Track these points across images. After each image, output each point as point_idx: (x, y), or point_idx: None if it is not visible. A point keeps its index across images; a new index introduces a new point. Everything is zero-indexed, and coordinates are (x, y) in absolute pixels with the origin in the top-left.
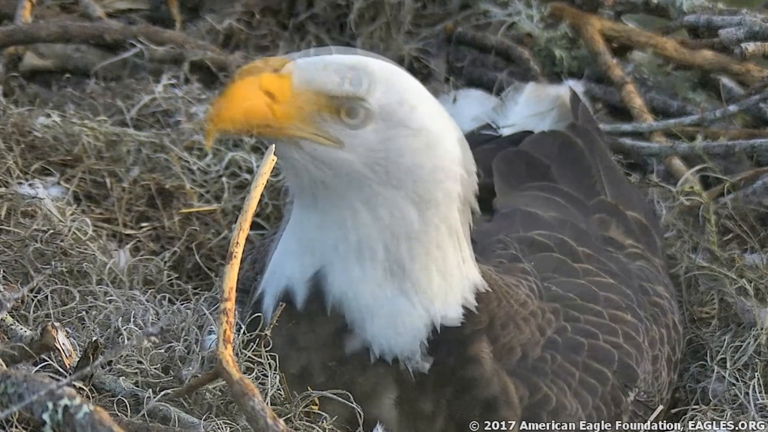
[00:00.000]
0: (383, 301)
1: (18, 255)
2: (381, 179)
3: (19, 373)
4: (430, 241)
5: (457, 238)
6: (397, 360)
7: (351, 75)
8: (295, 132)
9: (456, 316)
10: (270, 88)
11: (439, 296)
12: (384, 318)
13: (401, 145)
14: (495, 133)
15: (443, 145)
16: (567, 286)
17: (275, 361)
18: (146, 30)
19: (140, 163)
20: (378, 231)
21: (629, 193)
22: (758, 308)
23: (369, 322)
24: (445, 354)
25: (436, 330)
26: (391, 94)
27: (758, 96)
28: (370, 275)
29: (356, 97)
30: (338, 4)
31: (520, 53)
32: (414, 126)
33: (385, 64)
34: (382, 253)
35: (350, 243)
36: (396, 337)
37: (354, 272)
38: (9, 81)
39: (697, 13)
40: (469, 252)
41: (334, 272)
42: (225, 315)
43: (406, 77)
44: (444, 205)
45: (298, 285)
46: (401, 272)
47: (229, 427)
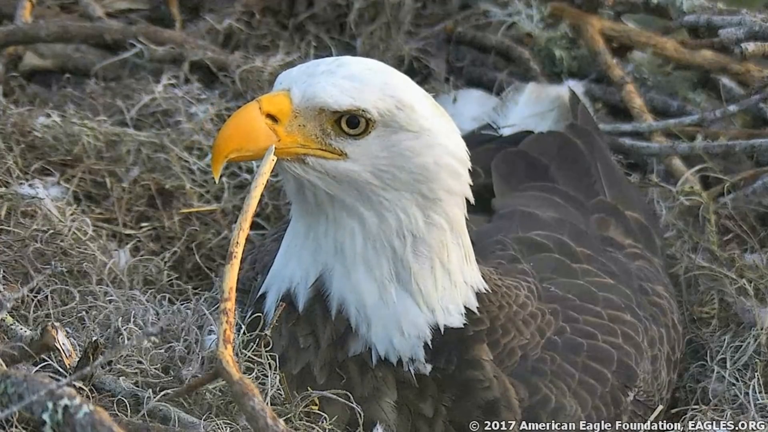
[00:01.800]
0: (389, 304)
1: (18, 255)
2: (386, 185)
3: (19, 373)
4: (435, 241)
5: (460, 236)
6: (400, 362)
7: (349, 87)
8: (299, 150)
9: (458, 317)
10: (270, 110)
11: (443, 296)
12: (389, 320)
13: (404, 149)
14: (495, 133)
15: (443, 144)
16: (566, 286)
17: (275, 361)
18: (146, 30)
19: (140, 163)
20: (385, 235)
21: (629, 193)
22: (758, 308)
23: (374, 324)
24: (447, 356)
25: (439, 331)
26: (389, 99)
27: (758, 96)
28: (377, 278)
29: (357, 108)
30: (338, 4)
31: (520, 53)
32: (414, 128)
33: (378, 67)
34: (389, 256)
35: (357, 249)
36: (400, 339)
37: (359, 276)
38: (9, 81)
39: (697, 13)
40: (470, 250)
41: (339, 276)
42: (225, 315)
43: (400, 79)
44: (446, 203)
45: (301, 288)
46: (407, 274)
47: (229, 427)
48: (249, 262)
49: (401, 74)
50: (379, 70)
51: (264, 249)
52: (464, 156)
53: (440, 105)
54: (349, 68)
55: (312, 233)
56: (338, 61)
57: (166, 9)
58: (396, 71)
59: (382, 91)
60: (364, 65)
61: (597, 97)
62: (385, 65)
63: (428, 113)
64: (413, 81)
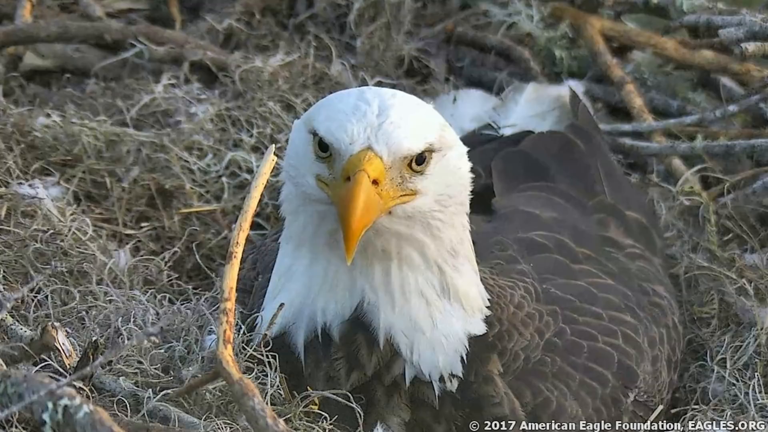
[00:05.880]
0: (437, 323)
1: (18, 255)
2: (443, 206)
3: (19, 373)
4: (466, 248)
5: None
6: (442, 378)
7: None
8: (392, 203)
9: (482, 323)
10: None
11: (477, 302)
12: (436, 340)
13: (452, 166)
14: (495, 133)
15: (464, 150)
16: (566, 288)
17: (275, 360)
18: (146, 30)
19: (140, 163)
20: (438, 255)
21: (629, 193)
22: (758, 308)
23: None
24: (476, 369)
25: (472, 340)
26: (437, 125)
27: (758, 96)
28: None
29: (430, 145)
30: (338, 4)
31: (520, 53)
32: (452, 143)
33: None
34: (436, 274)
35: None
36: (445, 357)
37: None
38: (9, 81)
39: (697, 13)
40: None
41: (384, 306)
42: (225, 315)
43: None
44: (466, 208)
45: (335, 321)
46: (451, 286)
47: (229, 427)
48: (250, 262)
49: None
50: (413, 100)
51: (264, 249)
52: None
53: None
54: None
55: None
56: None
57: (166, 9)
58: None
59: (432, 119)
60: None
61: (597, 97)
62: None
63: (450, 127)
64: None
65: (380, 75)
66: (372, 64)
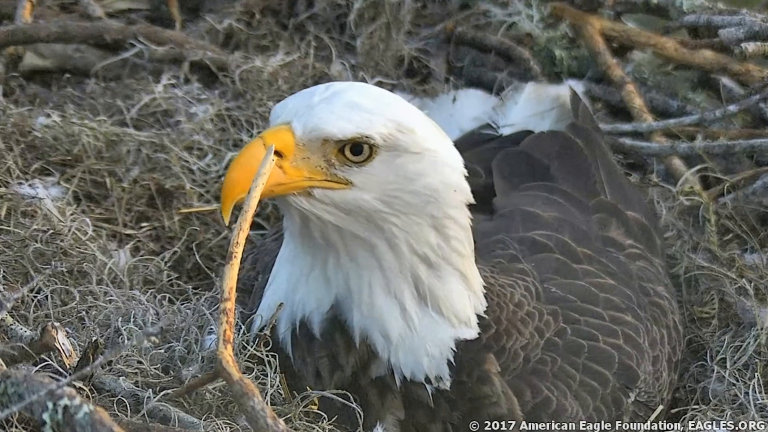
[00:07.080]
0: (415, 328)
1: (18, 255)
2: (395, 210)
3: (19, 373)
4: (454, 255)
5: (471, 240)
6: (424, 381)
7: (350, 114)
8: (306, 183)
9: (474, 327)
10: (275, 145)
11: (466, 308)
12: (416, 344)
13: (409, 171)
14: (495, 132)
15: (445, 160)
16: (567, 287)
17: (275, 360)
18: (146, 30)
19: (140, 163)
20: (401, 262)
21: (629, 193)
22: (758, 308)
23: (401, 349)
24: (468, 370)
25: (461, 344)
26: (390, 123)
27: (758, 96)
28: (399, 305)
29: (361, 136)
30: (338, 4)
31: (520, 53)
32: (416, 149)
33: (375, 92)
34: (409, 281)
35: (372, 280)
36: (428, 360)
37: (380, 305)
38: (9, 81)
39: (697, 13)
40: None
41: (357, 307)
42: (225, 315)
43: (398, 101)
44: (457, 217)
45: (315, 316)
46: (431, 295)
47: (229, 427)
48: (250, 261)
49: (397, 96)
50: (376, 94)
51: (264, 249)
52: (464, 169)
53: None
54: (346, 95)
55: (318, 268)
56: (332, 89)
57: (166, 9)
58: (391, 93)
59: (383, 115)
60: (360, 91)
61: (597, 97)
62: (380, 89)
63: (428, 133)
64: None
65: (380, 75)
66: (372, 64)
